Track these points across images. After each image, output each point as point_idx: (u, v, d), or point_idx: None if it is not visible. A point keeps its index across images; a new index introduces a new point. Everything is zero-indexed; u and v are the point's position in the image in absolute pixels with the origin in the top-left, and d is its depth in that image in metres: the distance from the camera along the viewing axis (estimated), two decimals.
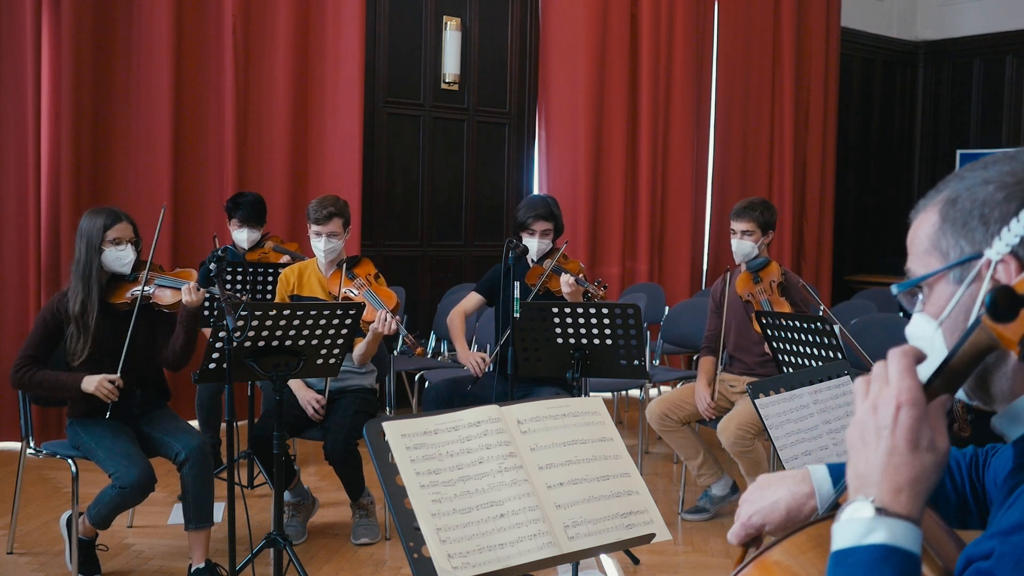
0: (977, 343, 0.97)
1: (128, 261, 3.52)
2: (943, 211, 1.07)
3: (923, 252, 1.09)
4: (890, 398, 0.98)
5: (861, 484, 0.99)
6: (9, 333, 5.11)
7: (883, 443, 0.97)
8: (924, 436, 0.97)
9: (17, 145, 5.06)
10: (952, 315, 1.06)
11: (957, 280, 1.05)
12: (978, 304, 1.03)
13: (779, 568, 1.11)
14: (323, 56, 5.93)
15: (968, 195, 1.05)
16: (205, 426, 4.73)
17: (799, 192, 8.13)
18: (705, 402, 4.24)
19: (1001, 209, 1.02)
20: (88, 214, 3.54)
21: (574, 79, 6.83)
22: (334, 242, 4.01)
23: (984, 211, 1.03)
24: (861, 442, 1.00)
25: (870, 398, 1.00)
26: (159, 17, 5.34)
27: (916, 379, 0.99)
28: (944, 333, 1.07)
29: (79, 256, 3.46)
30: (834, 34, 8.25)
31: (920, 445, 0.97)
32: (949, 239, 1.06)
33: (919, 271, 1.09)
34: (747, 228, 4.26)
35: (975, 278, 1.03)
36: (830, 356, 3.31)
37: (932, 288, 1.08)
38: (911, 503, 0.96)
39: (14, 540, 3.80)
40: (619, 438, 1.90)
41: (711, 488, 4.36)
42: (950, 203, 1.07)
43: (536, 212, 4.22)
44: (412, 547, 1.59)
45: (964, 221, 1.04)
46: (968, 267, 1.04)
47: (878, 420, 0.98)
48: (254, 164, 5.75)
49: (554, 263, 4.22)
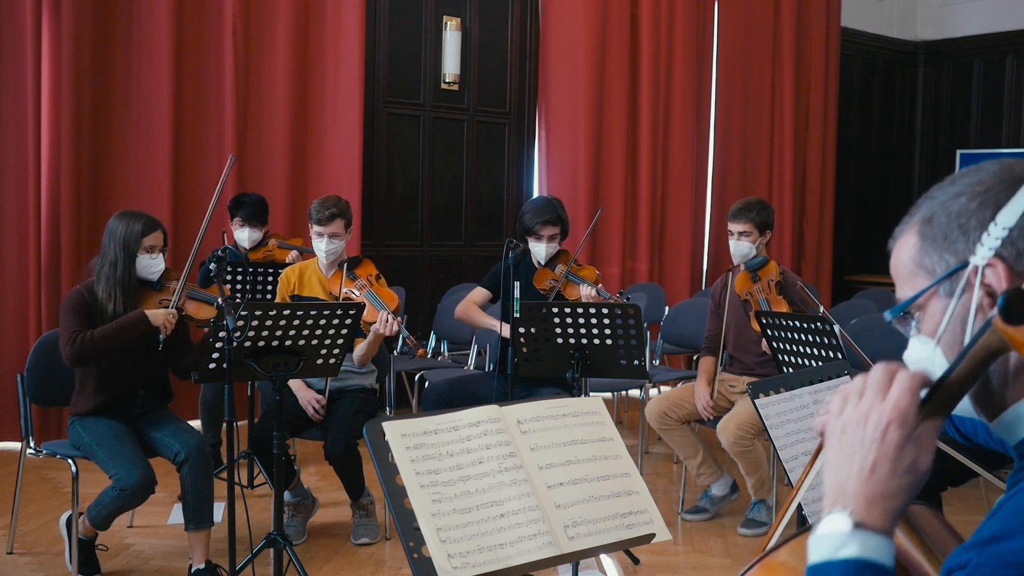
0: (987, 346, 0.97)
1: (158, 270, 3.53)
2: (921, 231, 1.09)
3: (909, 275, 1.10)
4: (883, 413, 0.99)
5: (838, 495, 1.00)
6: (9, 333, 5.11)
7: (868, 458, 0.98)
8: (907, 456, 0.98)
9: (17, 145, 5.06)
10: (949, 328, 1.06)
11: (948, 293, 1.06)
12: (972, 313, 1.04)
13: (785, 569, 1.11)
14: (323, 56, 5.93)
15: (942, 211, 1.07)
16: (208, 425, 4.73)
17: (799, 192, 8.13)
18: (704, 402, 4.24)
19: (977, 216, 1.04)
20: (122, 216, 3.52)
21: (574, 79, 6.83)
22: (336, 243, 4.01)
23: (961, 221, 1.05)
24: (846, 448, 1.01)
25: (863, 406, 1.01)
26: (159, 17, 5.34)
27: (914, 400, 0.99)
28: (943, 349, 1.08)
29: (112, 258, 3.44)
30: (834, 34, 8.25)
31: (901, 465, 0.98)
32: (933, 256, 1.07)
33: (909, 294, 1.10)
34: (744, 229, 4.26)
35: (965, 287, 1.04)
36: (830, 356, 3.31)
37: (925, 308, 1.09)
38: (884, 518, 0.98)
39: (14, 540, 3.81)
40: (619, 438, 1.90)
41: (711, 488, 4.36)
42: (926, 222, 1.08)
43: (544, 218, 4.17)
44: (412, 547, 1.59)
45: (944, 235, 1.06)
46: (956, 278, 1.05)
47: (866, 432, 0.99)
48: (254, 164, 5.75)
49: (567, 270, 4.19)
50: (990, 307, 1.03)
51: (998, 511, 0.97)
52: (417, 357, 3.86)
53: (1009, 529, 0.92)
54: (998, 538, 0.92)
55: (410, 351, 3.83)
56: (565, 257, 4.27)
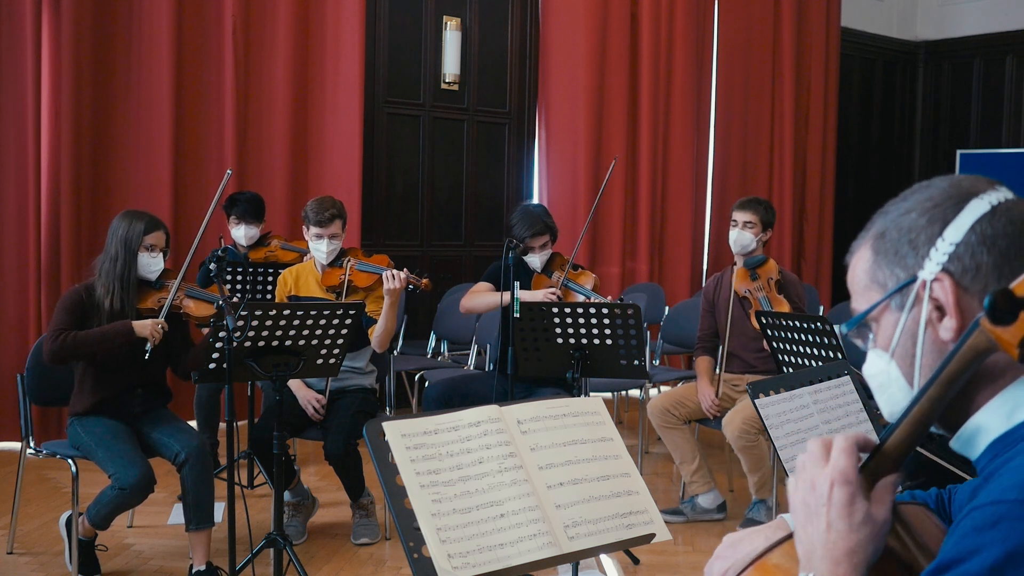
0: (975, 347, 0.98)
1: (157, 269, 3.55)
2: (874, 246, 1.12)
3: (864, 288, 1.13)
4: (825, 477, 1.06)
5: (806, 561, 1.07)
6: (9, 333, 5.12)
7: (821, 520, 1.05)
8: (859, 510, 1.04)
9: (17, 145, 5.06)
10: (900, 342, 1.09)
11: (899, 307, 1.09)
12: (922, 327, 1.07)
13: (779, 571, 1.12)
14: (323, 56, 5.93)
15: (894, 226, 1.10)
16: (204, 426, 4.73)
17: (799, 192, 8.13)
18: (709, 399, 4.23)
19: (926, 232, 1.07)
20: (126, 215, 3.56)
21: (574, 79, 6.83)
22: (335, 243, 4.01)
23: (911, 236, 1.08)
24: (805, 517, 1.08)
25: (807, 477, 1.09)
26: (159, 17, 5.34)
27: (851, 459, 1.06)
28: (897, 362, 1.10)
29: (114, 255, 3.47)
30: (834, 34, 8.25)
31: (855, 519, 1.04)
32: (884, 270, 1.10)
33: (863, 308, 1.13)
34: (749, 219, 4.28)
35: (915, 301, 1.07)
36: (830, 356, 3.31)
37: (879, 322, 1.12)
38: (853, 572, 1.03)
39: (14, 540, 3.81)
40: (619, 438, 1.90)
41: (698, 496, 4.31)
42: (879, 237, 1.11)
43: (534, 230, 4.14)
44: (412, 547, 1.59)
45: (895, 250, 1.09)
46: (906, 292, 1.08)
47: (816, 497, 1.07)
48: (254, 164, 5.75)
49: (565, 276, 4.18)
50: (938, 321, 1.05)
51: (950, 536, 0.98)
52: (424, 289, 3.88)
53: (964, 551, 0.93)
54: (956, 561, 0.93)
55: (421, 290, 3.87)
56: (560, 261, 4.26)
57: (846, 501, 1.04)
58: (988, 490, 0.97)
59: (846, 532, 1.03)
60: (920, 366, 1.08)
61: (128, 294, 3.47)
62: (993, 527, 0.92)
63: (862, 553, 1.03)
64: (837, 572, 1.02)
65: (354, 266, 4.00)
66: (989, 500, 0.95)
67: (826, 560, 1.03)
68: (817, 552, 1.05)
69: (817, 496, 1.06)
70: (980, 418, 1.05)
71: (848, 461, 1.06)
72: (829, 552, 1.03)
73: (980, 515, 0.94)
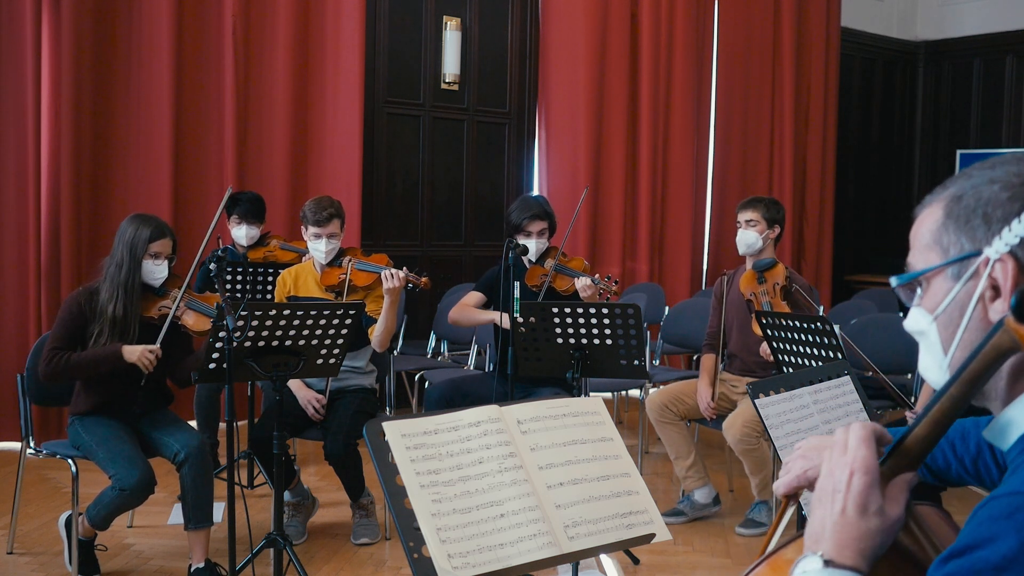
0: (999, 346, 0.97)
1: (161, 276, 3.54)
2: (948, 207, 1.08)
3: (924, 246, 1.11)
4: (845, 465, 1.08)
5: (813, 541, 1.08)
6: (9, 333, 5.11)
7: (836, 504, 1.07)
8: (873, 502, 1.06)
9: (17, 145, 5.06)
10: (947, 311, 1.08)
11: (955, 276, 1.07)
12: (974, 302, 1.05)
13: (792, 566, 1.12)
14: (323, 56, 5.93)
15: (973, 193, 1.06)
16: (203, 426, 4.73)
17: (799, 192, 8.13)
18: (706, 402, 4.23)
19: (1004, 208, 1.03)
20: (133, 219, 3.54)
21: (574, 79, 6.83)
22: (334, 243, 4.01)
23: (987, 209, 1.04)
24: (819, 501, 1.10)
25: (828, 463, 1.10)
26: (159, 17, 5.34)
27: (871, 449, 1.09)
28: (938, 327, 1.09)
29: (120, 260, 3.47)
30: (834, 34, 8.25)
31: (869, 509, 1.06)
32: (951, 235, 1.07)
33: (919, 265, 1.11)
34: (751, 218, 4.28)
35: (972, 275, 1.05)
36: (830, 356, 3.30)
37: (930, 282, 1.10)
38: (857, 557, 1.04)
39: (14, 540, 3.80)
40: (619, 438, 1.90)
41: (694, 493, 4.31)
42: (955, 200, 1.08)
43: (531, 212, 4.18)
44: (412, 547, 1.59)
45: (967, 218, 1.06)
46: (966, 264, 1.05)
47: (834, 483, 1.08)
48: (254, 164, 5.74)
49: (556, 262, 4.21)
50: (991, 300, 1.03)
51: (967, 525, 0.99)
52: (423, 287, 3.88)
53: (980, 538, 0.94)
54: (971, 547, 0.94)
55: (420, 288, 3.88)
56: (553, 252, 4.29)
57: (863, 490, 1.06)
58: (1010, 481, 0.99)
59: (858, 519, 1.05)
60: (960, 339, 1.07)
61: (131, 301, 3.46)
62: (1009, 517, 0.93)
63: (870, 542, 1.05)
64: (843, 555, 1.04)
65: (353, 265, 4.00)
66: (1008, 491, 0.96)
67: (833, 541, 1.05)
68: (827, 532, 1.06)
69: (836, 481, 1.08)
70: (1013, 412, 1.05)
71: (868, 451, 1.08)
72: (838, 535, 1.05)
73: (998, 505, 0.95)
